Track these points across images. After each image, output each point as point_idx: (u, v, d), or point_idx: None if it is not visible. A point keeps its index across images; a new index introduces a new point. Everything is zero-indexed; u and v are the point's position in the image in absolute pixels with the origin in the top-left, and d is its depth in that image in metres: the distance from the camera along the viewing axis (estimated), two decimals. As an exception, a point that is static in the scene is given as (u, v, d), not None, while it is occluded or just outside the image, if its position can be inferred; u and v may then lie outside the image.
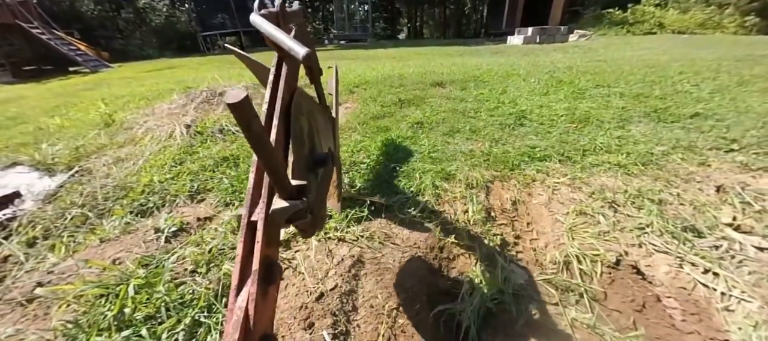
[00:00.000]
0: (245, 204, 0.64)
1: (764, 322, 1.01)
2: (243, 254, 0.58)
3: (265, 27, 0.76)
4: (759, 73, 3.83)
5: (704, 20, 17.27)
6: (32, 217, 1.90)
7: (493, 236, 1.35)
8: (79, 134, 3.21)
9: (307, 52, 0.67)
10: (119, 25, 25.07)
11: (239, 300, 0.53)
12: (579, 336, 0.95)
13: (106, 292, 1.13)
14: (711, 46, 8.94)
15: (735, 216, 1.38)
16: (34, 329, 1.06)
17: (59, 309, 1.10)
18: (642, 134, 2.14)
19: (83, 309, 1.11)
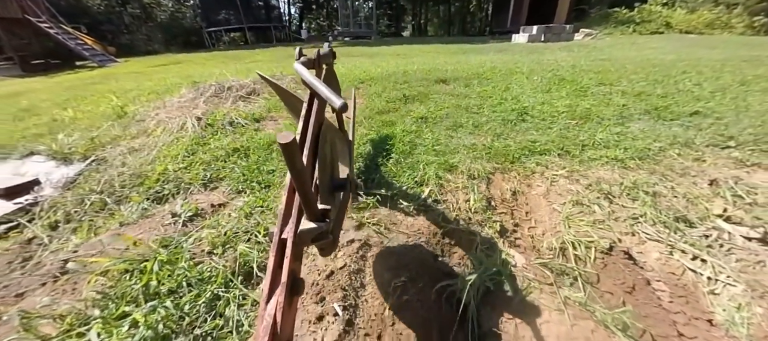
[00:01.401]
0: (277, 223, 0.71)
1: (747, 304, 1.08)
2: (273, 267, 0.64)
3: (306, 76, 0.87)
4: (762, 73, 3.85)
5: (712, 20, 17.09)
6: (53, 202, 2.00)
7: (493, 223, 1.42)
8: (93, 125, 3.31)
9: (342, 103, 0.74)
10: (125, 21, 25.25)
11: (269, 308, 0.58)
12: (571, 311, 1.02)
13: (132, 268, 1.22)
14: (717, 47, 8.88)
15: (726, 208, 1.44)
16: (67, 300, 1.15)
17: (89, 283, 1.19)
18: (641, 130, 2.20)
19: (111, 283, 1.19)
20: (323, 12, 35.36)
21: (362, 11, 26.27)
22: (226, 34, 25.54)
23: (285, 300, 0.59)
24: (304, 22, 36.20)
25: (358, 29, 23.65)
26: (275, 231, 0.70)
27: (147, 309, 1.03)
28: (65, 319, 1.02)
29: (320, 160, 0.83)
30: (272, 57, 10.39)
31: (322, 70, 1.19)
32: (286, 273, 0.62)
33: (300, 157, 0.60)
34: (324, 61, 1.20)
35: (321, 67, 1.19)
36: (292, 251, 0.66)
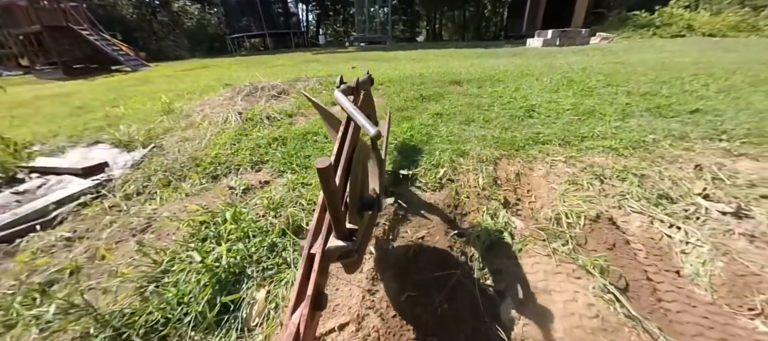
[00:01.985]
0: (307, 238, 0.76)
1: (711, 261, 1.29)
2: (301, 279, 0.68)
3: (344, 104, 0.95)
4: None
5: (737, 23, 16.50)
6: (125, 179, 2.39)
7: (498, 197, 1.68)
8: (145, 119, 3.77)
9: (376, 132, 0.80)
10: (154, 28, 26.82)
11: (294, 317, 0.62)
12: (558, 258, 1.27)
13: (209, 219, 1.55)
14: (739, 50, 8.72)
15: (706, 188, 1.64)
16: (160, 244, 1.49)
17: (178, 229, 1.53)
18: (639, 125, 2.40)
19: (192, 231, 1.53)
20: (340, 18, 36.26)
21: (378, 17, 26.80)
22: (248, 40, 26.68)
23: (309, 313, 0.62)
24: (320, 28, 37.22)
25: (373, 35, 24.15)
26: (305, 245, 0.75)
27: (222, 248, 1.35)
28: (166, 251, 1.36)
29: (351, 181, 0.86)
30: (293, 61, 10.91)
31: (360, 96, 1.27)
32: (312, 286, 0.65)
33: (334, 180, 0.64)
34: (362, 88, 1.28)
35: (359, 92, 1.27)
36: (319, 265, 0.69)
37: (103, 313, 1.06)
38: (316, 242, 0.75)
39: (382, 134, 1.37)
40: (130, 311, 1.07)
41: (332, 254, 0.75)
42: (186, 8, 28.90)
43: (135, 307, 1.09)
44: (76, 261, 1.43)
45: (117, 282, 1.22)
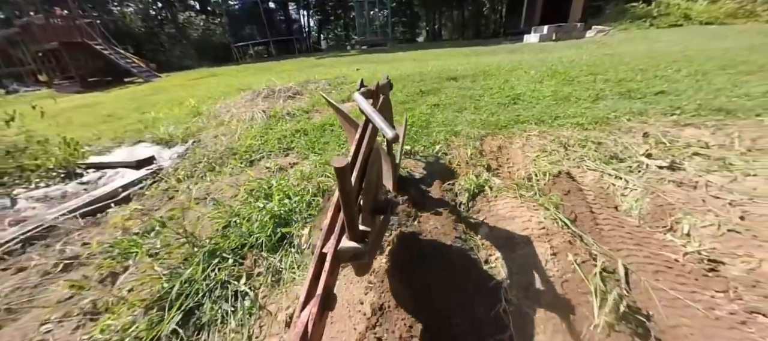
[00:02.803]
0: (320, 237, 0.76)
1: (642, 198, 1.70)
2: (311, 278, 0.68)
3: (364, 106, 0.97)
4: (751, 59, 4.23)
5: (735, 10, 16.60)
6: (175, 167, 2.87)
7: (482, 163, 2.11)
8: (178, 121, 4.26)
9: (394, 134, 0.81)
10: (162, 40, 27.73)
11: (303, 316, 0.62)
12: (523, 201, 1.70)
13: (256, 187, 2.01)
14: (730, 37, 8.97)
15: (649, 150, 2.05)
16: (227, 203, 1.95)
17: (238, 193, 1.99)
18: (606, 106, 2.81)
19: (247, 195, 1.98)
20: (340, 22, 36.91)
21: (378, 19, 27.34)
22: (252, 47, 27.43)
23: (317, 312, 0.62)
24: (322, 33, 37.92)
25: (374, 37, 24.67)
26: (317, 244, 0.75)
27: (272, 203, 1.80)
28: (233, 206, 1.81)
29: (366, 182, 0.87)
30: (298, 66, 11.43)
31: (379, 100, 1.29)
32: (322, 286, 0.65)
33: (350, 180, 0.64)
34: (382, 92, 1.30)
35: (378, 96, 1.29)
36: (330, 265, 0.70)
37: (199, 241, 1.51)
38: (329, 242, 0.76)
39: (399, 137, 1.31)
40: (216, 240, 1.53)
41: (344, 254, 0.76)
42: (191, 19, 29.81)
43: (218, 239, 1.54)
44: (161, 217, 1.90)
45: (205, 220, 1.68)
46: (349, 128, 1.36)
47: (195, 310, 1.22)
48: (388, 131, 0.83)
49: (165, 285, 1.27)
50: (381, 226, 1.04)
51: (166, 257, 1.49)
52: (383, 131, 0.85)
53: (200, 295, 1.26)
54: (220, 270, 1.36)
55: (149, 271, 1.38)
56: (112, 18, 24.94)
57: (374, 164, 0.93)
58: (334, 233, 0.77)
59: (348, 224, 0.74)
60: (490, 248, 1.41)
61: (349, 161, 0.63)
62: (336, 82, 5.30)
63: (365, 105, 0.97)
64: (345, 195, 0.67)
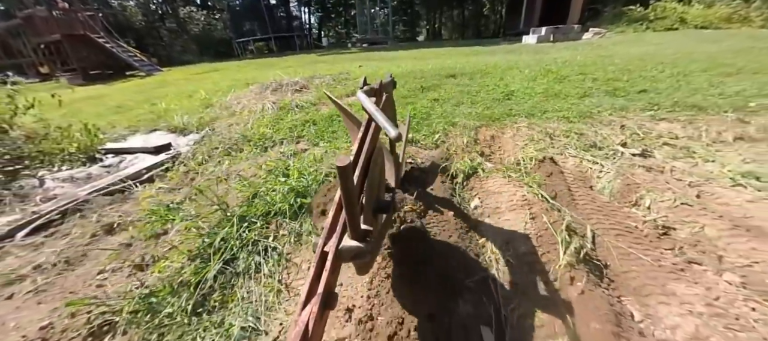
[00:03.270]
0: (322, 236, 0.75)
1: (613, 180, 1.95)
2: (312, 276, 0.68)
3: (367, 105, 0.96)
4: (733, 62, 4.48)
5: (729, 15, 16.92)
6: (194, 152, 3.09)
7: (477, 150, 2.35)
8: (190, 112, 4.48)
9: (397, 133, 0.81)
10: (162, 34, 27.81)
11: (303, 315, 0.63)
12: (510, 180, 1.94)
13: (274, 166, 2.24)
14: (721, 41, 9.20)
15: (624, 140, 2.31)
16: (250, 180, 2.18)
17: (254, 176, 2.22)
18: (591, 102, 3.06)
19: (265, 175, 2.21)
20: (341, 20, 37.02)
21: (378, 18, 27.51)
22: (253, 43, 27.54)
23: (318, 311, 0.62)
24: (323, 30, 38.01)
25: (374, 36, 24.83)
26: (319, 243, 0.74)
27: (295, 178, 2.04)
28: (256, 183, 2.05)
29: (368, 181, 0.87)
30: (301, 63, 11.62)
31: (382, 99, 1.28)
32: (323, 285, 0.65)
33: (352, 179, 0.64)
34: (385, 90, 1.30)
35: (382, 95, 1.28)
36: (331, 264, 0.70)
37: (229, 209, 1.75)
38: (331, 241, 0.76)
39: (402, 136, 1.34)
40: (244, 208, 1.76)
41: (345, 254, 0.76)
42: (192, 14, 29.88)
43: (246, 208, 1.78)
44: (191, 191, 2.13)
45: (232, 193, 1.91)
46: (351, 126, 1.36)
47: (231, 261, 1.46)
48: (391, 130, 0.82)
49: (206, 240, 1.51)
50: (383, 225, 1.04)
51: (202, 221, 1.72)
52: (386, 131, 0.85)
53: (235, 250, 1.50)
54: (250, 231, 1.60)
55: (190, 231, 1.62)
56: (112, 11, 24.94)
57: (377, 163, 0.94)
58: (335, 232, 0.78)
59: (350, 224, 0.75)
60: (480, 216, 1.66)
61: (351, 160, 0.64)
62: (340, 78, 5.53)
63: (368, 104, 0.97)
64: (347, 194, 0.67)
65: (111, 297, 1.31)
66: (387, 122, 0.85)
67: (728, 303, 1.08)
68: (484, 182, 1.97)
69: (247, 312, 1.19)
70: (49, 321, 1.24)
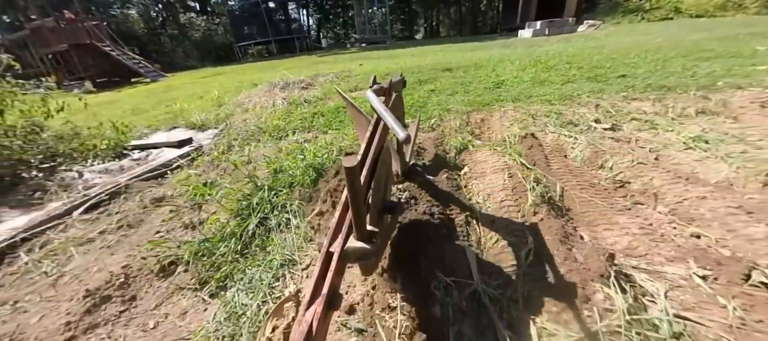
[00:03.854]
0: (327, 236, 0.76)
1: (585, 150, 2.26)
2: (317, 276, 0.69)
3: (375, 105, 0.95)
4: (714, 48, 4.75)
5: (724, 2, 17.10)
6: (216, 143, 3.43)
7: (468, 130, 2.67)
8: (205, 110, 4.82)
9: (406, 135, 0.81)
10: (163, 41, 28.27)
11: (307, 314, 0.63)
12: (495, 152, 2.26)
13: (293, 149, 2.57)
14: (710, 29, 9.42)
15: (597, 117, 2.62)
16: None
17: (278, 154, 2.55)
18: (573, 87, 3.37)
19: (284, 156, 2.54)
20: (339, 21, 37.37)
21: (376, 17, 27.82)
22: (253, 47, 27.94)
23: (322, 311, 0.63)
24: (321, 31, 38.38)
25: (373, 35, 25.14)
26: (324, 243, 0.75)
27: (311, 157, 2.36)
28: (279, 161, 2.38)
29: (375, 182, 0.86)
30: (302, 64, 11.96)
31: (391, 98, 1.27)
32: (328, 285, 0.67)
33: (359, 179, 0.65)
34: (394, 89, 1.29)
35: (391, 94, 1.27)
36: (336, 265, 0.70)
37: (259, 181, 2.08)
38: (336, 242, 0.75)
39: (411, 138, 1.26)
40: (271, 181, 2.09)
41: (351, 254, 0.76)
42: (193, 20, 30.33)
43: (272, 181, 2.11)
44: (229, 165, 2.46)
45: (258, 170, 2.25)
46: (359, 125, 1.36)
47: (265, 219, 1.79)
48: (399, 131, 0.82)
49: (244, 203, 1.84)
50: (389, 226, 1.03)
51: (237, 191, 2.05)
52: (395, 132, 0.84)
53: (267, 211, 1.83)
54: (278, 196, 1.93)
55: (230, 197, 1.95)
56: (115, 20, 25.42)
57: (384, 164, 0.92)
58: (341, 232, 0.78)
59: (356, 224, 0.75)
60: (468, 179, 1.98)
61: (359, 161, 0.64)
62: (342, 75, 5.86)
63: (377, 103, 0.97)
64: (354, 194, 0.67)
65: (176, 240, 1.65)
66: (396, 122, 0.85)
67: (657, 226, 1.40)
68: (473, 154, 2.30)
69: (284, 249, 1.52)
70: (127, 263, 1.58)
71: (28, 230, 2.15)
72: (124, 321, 1.30)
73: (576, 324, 0.94)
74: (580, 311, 0.98)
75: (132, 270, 1.54)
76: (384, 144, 1.00)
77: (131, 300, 1.40)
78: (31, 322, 1.32)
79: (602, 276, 1.05)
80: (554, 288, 1.07)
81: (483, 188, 1.85)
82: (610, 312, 0.96)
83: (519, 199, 1.62)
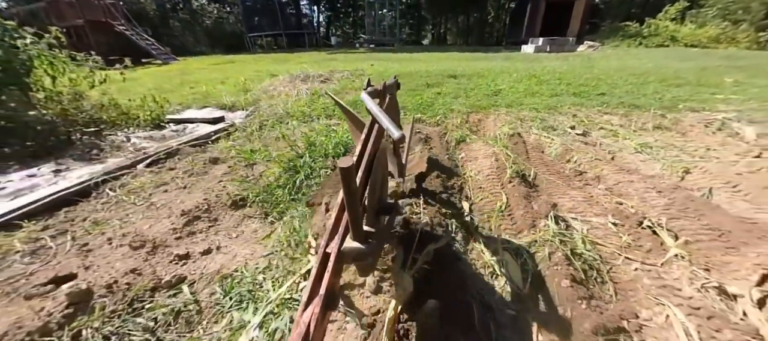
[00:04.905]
0: (324, 237, 0.78)
1: (559, 147, 2.83)
2: (314, 277, 0.70)
3: (370, 106, 0.99)
4: (690, 76, 5.37)
5: (718, 35, 17.86)
6: (248, 123, 3.96)
7: (466, 128, 3.23)
8: (231, 93, 5.34)
9: (400, 135, 0.82)
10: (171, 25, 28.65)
11: (305, 316, 0.64)
12: (487, 145, 2.82)
13: (321, 130, 3.11)
14: (695, 59, 10.07)
15: (573, 124, 3.19)
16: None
17: (310, 132, 3.09)
18: (558, 100, 3.95)
19: (315, 135, 3.08)
20: (349, 20, 37.95)
21: (386, 19, 28.46)
22: (263, 38, 28.43)
23: (320, 312, 0.63)
24: (331, 28, 38.94)
25: (381, 37, 25.76)
26: (321, 244, 0.76)
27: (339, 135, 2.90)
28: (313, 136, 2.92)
29: (371, 183, 0.87)
30: (314, 59, 12.48)
31: (385, 100, 1.29)
32: (325, 286, 0.67)
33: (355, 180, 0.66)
34: (389, 92, 1.30)
35: (385, 96, 1.29)
36: (333, 266, 0.71)
37: (299, 149, 2.62)
38: (333, 242, 0.77)
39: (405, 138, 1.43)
40: (308, 151, 2.63)
41: (347, 255, 0.78)
42: (204, 7, 30.79)
43: (309, 151, 2.64)
44: (278, 133, 2.99)
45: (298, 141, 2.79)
46: (354, 129, 1.39)
47: (306, 177, 2.33)
48: (394, 131, 0.83)
49: (290, 164, 2.38)
50: (386, 227, 1.05)
51: (283, 155, 2.59)
52: (389, 132, 0.85)
53: (307, 172, 2.36)
54: (315, 163, 2.47)
55: (279, 158, 2.49)
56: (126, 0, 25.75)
57: (380, 165, 0.94)
58: (338, 233, 0.79)
59: (352, 225, 0.76)
60: (464, 161, 2.54)
61: (354, 162, 0.64)
62: (356, 73, 6.41)
63: (372, 105, 0.98)
64: (350, 195, 0.68)
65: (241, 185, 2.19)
66: (390, 123, 0.86)
67: (596, 197, 1.96)
68: (469, 145, 2.86)
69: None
70: (205, 198, 2.10)
71: (106, 175, 2.66)
72: (213, 232, 1.83)
73: (526, 238, 1.50)
74: (528, 232, 1.53)
75: (210, 202, 2.07)
76: (380, 145, 1.02)
77: (214, 220, 1.93)
78: (143, 229, 1.85)
79: (546, 217, 1.60)
80: (516, 220, 1.62)
81: (475, 167, 2.40)
82: (546, 232, 1.52)
83: (500, 174, 2.18)
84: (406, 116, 3.64)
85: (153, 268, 1.47)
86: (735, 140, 2.84)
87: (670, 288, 1.24)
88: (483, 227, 1.66)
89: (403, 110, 3.82)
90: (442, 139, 3.00)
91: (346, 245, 0.78)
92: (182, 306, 1.26)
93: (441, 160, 2.43)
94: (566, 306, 1.13)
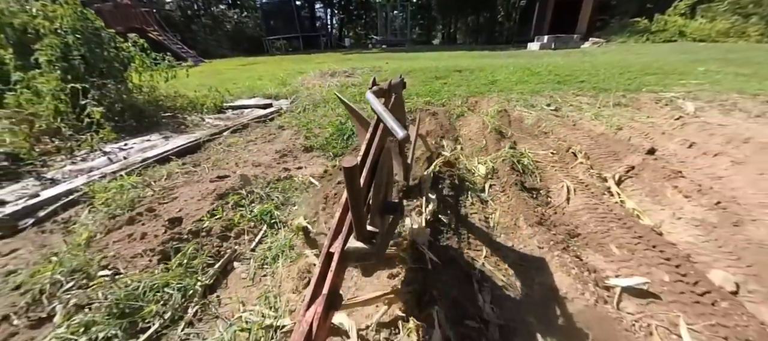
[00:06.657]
0: (327, 236, 0.78)
1: (534, 120, 3.74)
2: (317, 277, 0.71)
3: (375, 105, 0.99)
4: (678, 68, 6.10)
5: (727, 29, 17.82)
6: (293, 108, 5.02)
7: (466, 107, 4.19)
8: (273, 86, 6.43)
9: (405, 134, 0.82)
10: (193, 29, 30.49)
11: (307, 315, 0.64)
12: (482, 119, 3.77)
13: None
14: (694, 52, 10.48)
15: (548, 103, 4.10)
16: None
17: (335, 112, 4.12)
18: (542, 86, 4.85)
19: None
20: (362, 22, 39.14)
21: (397, 20, 29.45)
22: (279, 41, 29.94)
23: (322, 312, 0.64)
24: (344, 30, 40.25)
25: (393, 37, 26.76)
26: (325, 244, 0.77)
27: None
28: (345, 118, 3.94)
29: (375, 183, 0.87)
30: (332, 59, 13.57)
31: (391, 99, 1.34)
32: (328, 285, 0.68)
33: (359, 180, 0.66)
34: (394, 91, 1.35)
35: (391, 95, 1.34)
36: (336, 266, 0.71)
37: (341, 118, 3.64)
38: (336, 242, 0.77)
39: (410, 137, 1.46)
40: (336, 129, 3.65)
41: (351, 255, 0.78)
42: (225, 12, 32.59)
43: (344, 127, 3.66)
44: (328, 108, 4.03)
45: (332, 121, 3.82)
46: (359, 128, 1.40)
47: (349, 136, 3.33)
48: (399, 131, 0.83)
49: (334, 131, 3.40)
50: (390, 227, 1.05)
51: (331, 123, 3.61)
52: (393, 132, 0.85)
53: (351, 132, 3.37)
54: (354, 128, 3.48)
55: (332, 123, 3.52)
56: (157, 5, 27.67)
57: (384, 164, 0.94)
58: (341, 233, 0.79)
59: (356, 225, 0.77)
60: (460, 127, 3.50)
61: (358, 162, 0.64)
62: (375, 69, 7.45)
63: (377, 104, 0.98)
64: (354, 195, 0.68)
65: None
66: (395, 122, 0.86)
67: (550, 144, 2.89)
68: (467, 118, 3.82)
69: (365, 145, 3.08)
70: (285, 146, 3.15)
71: (208, 138, 3.75)
72: (297, 162, 2.86)
73: (492, 156, 2.47)
74: (495, 154, 2.50)
75: (290, 148, 3.11)
76: (384, 145, 1.02)
77: (295, 157, 2.96)
78: (254, 158, 2.90)
79: (507, 148, 2.57)
80: (489, 151, 2.59)
81: (467, 131, 3.37)
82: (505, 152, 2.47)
83: (484, 132, 3.14)
84: (414, 101, 4.62)
85: (272, 171, 2.52)
86: (678, 113, 3.69)
87: (571, 177, 2.18)
88: (468, 156, 2.63)
89: (415, 95, 4.80)
90: (446, 115, 3.97)
91: (349, 245, 0.79)
92: (295, 185, 2.29)
93: (445, 126, 3.41)
94: (509, 180, 2.09)
